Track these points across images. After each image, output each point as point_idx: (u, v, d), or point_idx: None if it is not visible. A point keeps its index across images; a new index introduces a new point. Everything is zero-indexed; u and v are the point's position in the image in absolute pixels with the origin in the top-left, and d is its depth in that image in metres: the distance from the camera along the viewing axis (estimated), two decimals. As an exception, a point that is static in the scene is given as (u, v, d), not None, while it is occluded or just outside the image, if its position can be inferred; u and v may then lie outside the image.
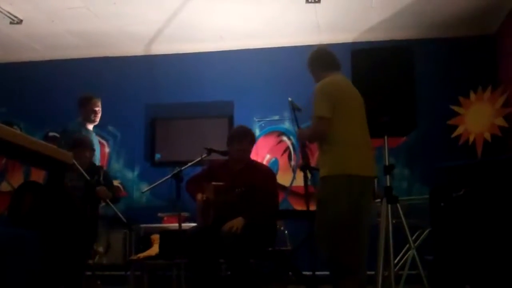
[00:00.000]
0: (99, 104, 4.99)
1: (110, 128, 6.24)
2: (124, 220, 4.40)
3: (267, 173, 4.09)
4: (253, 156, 4.33)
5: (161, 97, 6.38)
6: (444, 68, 5.94)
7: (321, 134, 3.21)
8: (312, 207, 3.45)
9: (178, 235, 4.01)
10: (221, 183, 3.90)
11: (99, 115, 4.98)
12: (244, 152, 4.08)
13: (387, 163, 3.49)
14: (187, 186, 4.15)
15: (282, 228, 4.74)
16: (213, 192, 3.88)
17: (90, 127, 5.02)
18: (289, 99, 3.75)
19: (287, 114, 5.79)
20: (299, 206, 5.49)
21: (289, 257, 4.34)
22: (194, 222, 4.95)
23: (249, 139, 4.10)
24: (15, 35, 6.02)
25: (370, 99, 3.31)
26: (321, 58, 3.43)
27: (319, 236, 3.16)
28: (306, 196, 3.88)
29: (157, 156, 6.24)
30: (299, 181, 4.93)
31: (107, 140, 6.42)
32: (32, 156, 3.29)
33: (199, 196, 3.96)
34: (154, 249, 5.27)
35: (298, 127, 3.59)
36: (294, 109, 3.74)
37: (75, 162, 4.03)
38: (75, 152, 4.17)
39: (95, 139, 4.99)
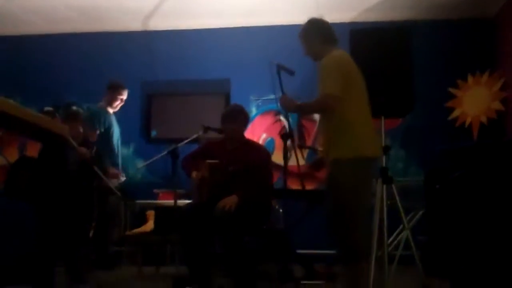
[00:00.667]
0: (126, 94, 5.23)
1: (102, 104, 6.18)
2: (118, 193, 4.39)
3: (261, 152, 4.08)
4: (249, 135, 4.33)
5: (157, 74, 6.34)
6: (442, 50, 5.91)
7: (328, 110, 3.07)
8: (308, 187, 3.42)
9: (173, 211, 4.01)
10: (215, 161, 3.89)
11: (122, 102, 5.22)
12: (236, 131, 4.06)
13: (383, 144, 3.48)
14: (182, 164, 4.14)
15: (277, 207, 4.74)
16: (208, 170, 3.88)
17: (111, 111, 5.21)
18: (274, 61, 3.62)
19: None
20: (295, 186, 5.50)
21: (283, 235, 4.35)
22: (189, 199, 4.95)
23: (241, 118, 4.08)
24: (12, 7, 5.94)
25: (368, 79, 3.28)
26: (321, 30, 3.27)
27: (336, 220, 3.05)
28: (300, 175, 3.86)
29: (153, 132, 6.22)
30: (294, 160, 4.91)
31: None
32: (30, 128, 3.26)
33: (194, 174, 3.96)
34: (149, 225, 5.29)
35: (283, 93, 3.37)
36: (280, 71, 3.54)
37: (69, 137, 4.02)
38: (67, 125, 4.15)
39: (116, 124, 5.20)
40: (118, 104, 5.16)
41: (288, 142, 3.85)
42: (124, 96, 5.17)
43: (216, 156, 3.96)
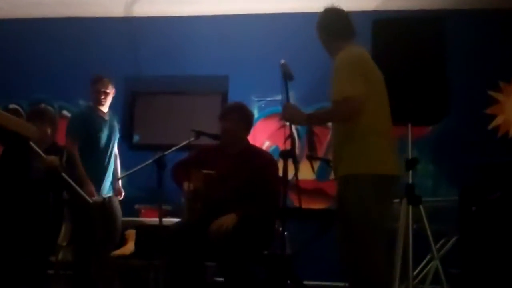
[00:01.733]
0: (109, 85, 5.15)
1: (81, 102, 6.20)
2: (90, 200, 4.37)
3: (268, 162, 4.06)
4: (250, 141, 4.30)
5: (142, 68, 6.35)
6: (481, 46, 5.88)
7: (351, 117, 3.04)
8: (319, 205, 3.42)
9: (158, 231, 3.99)
10: (212, 172, 3.89)
11: (108, 97, 5.13)
12: (238, 134, 4.05)
13: (409, 157, 3.47)
14: (172, 172, 4.15)
15: (280, 228, 4.71)
16: (202, 181, 3.88)
17: (104, 112, 5.14)
18: (282, 61, 3.65)
19: (291, 93, 5.76)
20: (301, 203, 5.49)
21: (288, 263, 4.33)
22: (177, 217, 4.92)
23: (244, 118, 4.08)
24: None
25: (393, 79, 3.26)
26: (334, 22, 3.28)
27: (347, 247, 3.09)
28: (298, 191, 3.86)
29: (136, 137, 6.23)
30: (303, 174, 4.90)
31: (76, 116, 6.36)
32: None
33: (186, 186, 3.95)
34: (129, 247, 5.27)
35: (288, 100, 3.39)
36: (287, 75, 3.58)
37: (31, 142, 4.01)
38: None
39: (109, 128, 5.13)
40: (103, 99, 5.09)
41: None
42: (107, 88, 5.11)
43: (212, 164, 3.96)
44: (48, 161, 4.18)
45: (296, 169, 3.71)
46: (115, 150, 5.29)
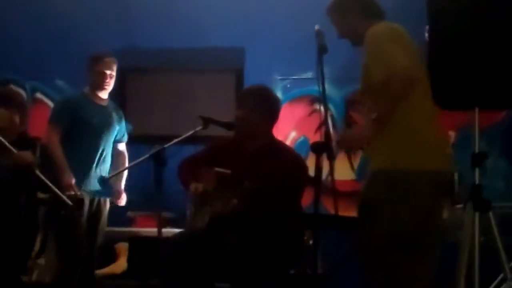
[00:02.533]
0: (113, 65, 5.17)
1: (59, 82, 6.22)
2: (70, 203, 4.38)
3: (294, 162, 4.06)
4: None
5: (136, 39, 6.38)
6: None
7: (406, 96, 3.04)
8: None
9: (156, 244, 4.00)
10: (226, 171, 3.88)
11: (111, 80, 5.15)
12: (246, 122, 4.04)
13: (476, 150, 3.43)
14: (179, 170, 4.18)
15: (311, 241, 4.71)
16: (213, 182, 3.89)
17: (102, 98, 5.17)
18: (316, 27, 3.62)
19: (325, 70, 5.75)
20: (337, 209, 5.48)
21: (320, 284, 4.33)
22: (180, 227, 4.93)
23: (256, 101, 4.06)
24: None
25: (454, 53, 3.23)
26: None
27: (369, 260, 3.15)
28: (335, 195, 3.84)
29: (128, 127, 6.23)
30: (340, 173, 4.88)
31: (51, 99, 6.40)
32: None
33: (193, 187, 3.96)
34: (120, 264, 5.31)
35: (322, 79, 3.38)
36: (321, 46, 3.55)
37: None
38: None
39: (114, 118, 5.19)
40: (106, 83, 5.12)
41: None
42: (111, 69, 5.15)
43: (228, 162, 3.95)
44: (20, 157, 4.19)
45: (332, 167, 3.71)
46: (121, 147, 5.34)
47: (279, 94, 5.96)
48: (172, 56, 6.24)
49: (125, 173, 5.23)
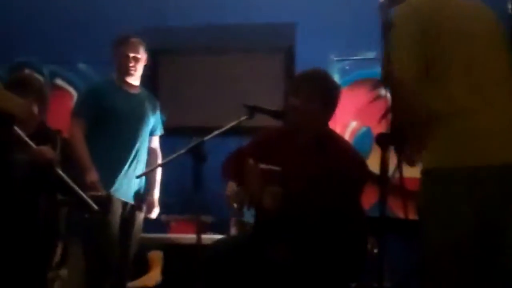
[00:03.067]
0: (141, 49, 5.24)
1: (81, 66, 6.28)
2: (95, 207, 4.41)
3: (351, 156, 4.05)
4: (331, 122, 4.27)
5: (169, 17, 6.41)
6: None
7: (408, 109, 3.15)
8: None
9: (194, 253, 4.00)
10: (273, 168, 3.88)
11: (139, 65, 5.22)
12: (315, 115, 4.02)
13: None
14: (223, 168, 4.21)
15: (375, 250, 4.68)
16: (258, 180, 3.87)
17: (133, 85, 5.24)
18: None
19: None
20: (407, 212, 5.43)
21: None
22: (221, 233, 4.94)
23: (313, 87, 4.04)
24: None
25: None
26: None
27: (426, 269, 3.15)
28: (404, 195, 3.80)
29: (161, 117, 6.26)
30: (408, 170, 4.83)
31: (73, 85, 6.44)
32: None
33: (230, 187, 4.03)
34: (153, 276, 5.34)
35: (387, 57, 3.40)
36: (387, 22, 3.53)
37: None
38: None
39: (148, 109, 5.26)
40: (132, 68, 5.18)
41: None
42: (137, 52, 5.22)
43: (276, 156, 3.96)
44: (38, 153, 4.22)
45: (400, 162, 3.66)
46: (154, 142, 5.38)
47: (336, 78, 5.93)
48: (211, 34, 6.26)
49: (158, 177, 5.24)
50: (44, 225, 4.33)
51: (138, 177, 5.09)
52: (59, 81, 6.52)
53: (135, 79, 5.18)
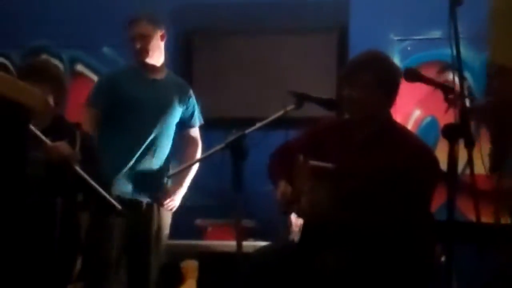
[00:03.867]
0: (149, 26, 5.26)
1: (106, 50, 6.31)
2: (119, 207, 4.42)
3: (419, 152, 4.00)
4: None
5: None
6: None
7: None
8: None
9: (234, 262, 3.99)
10: (326, 164, 3.86)
11: (151, 44, 5.24)
12: (375, 105, 3.99)
13: None
14: (270, 166, 4.21)
15: (443, 258, 4.64)
16: (308, 178, 3.85)
17: (156, 70, 5.27)
18: None
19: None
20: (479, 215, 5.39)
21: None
22: (265, 240, 4.93)
23: (373, 76, 3.98)
24: None
25: None
26: None
27: None
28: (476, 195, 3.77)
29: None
30: (480, 166, 4.80)
31: (96, 72, 6.48)
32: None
33: (281, 188, 3.97)
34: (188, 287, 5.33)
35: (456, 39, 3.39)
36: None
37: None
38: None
39: (176, 94, 5.29)
40: (142, 49, 5.21)
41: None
42: (144, 30, 5.23)
43: (330, 152, 3.95)
44: (54, 150, 4.24)
45: (471, 157, 3.63)
46: (193, 133, 5.41)
47: (396, 60, 5.91)
48: (252, 12, 6.27)
49: (192, 173, 5.25)
50: (62, 232, 4.34)
51: (169, 176, 5.09)
52: (80, 67, 6.56)
53: (154, 60, 5.22)
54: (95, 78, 6.44)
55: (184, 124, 5.34)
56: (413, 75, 4.04)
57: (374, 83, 3.98)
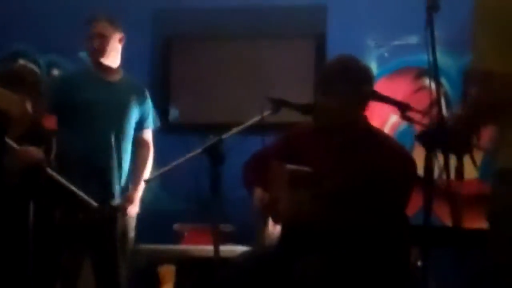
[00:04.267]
0: (108, 27, 5.29)
1: (83, 55, 6.29)
2: (94, 204, 4.40)
3: (398, 155, 4.02)
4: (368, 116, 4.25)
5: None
6: None
7: (491, 106, 3.14)
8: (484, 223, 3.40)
9: (212, 267, 4.00)
10: (303, 169, 3.88)
11: (109, 45, 5.26)
12: (350, 110, 4.01)
13: None
14: (244, 172, 4.23)
15: (419, 263, 4.66)
16: (286, 183, 3.87)
17: (111, 72, 5.27)
18: None
19: (436, 34, 5.72)
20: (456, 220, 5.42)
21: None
22: (242, 244, 4.94)
23: (348, 84, 4.01)
24: None
25: None
26: None
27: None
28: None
29: (173, 112, 6.30)
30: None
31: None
32: None
33: (258, 193, 3.99)
34: (164, 294, 5.34)
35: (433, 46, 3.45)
36: (432, 4, 3.52)
37: None
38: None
39: (133, 96, 5.30)
40: (100, 48, 5.23)
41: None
42: (103, 29, 5.25)
43: (307, 157, 3.96)
44: (24, 154, 4.23)
45: (447, 162, 3.65)
46: (146, 136, 5.41)
47: (373, 66, 5.95)
48: (230, 18, 6.27)
49: (147, 173, 5.31)
50: (34, 235, 4.32)
51: (147, 181, 5.08)
52: (57, 72, 6.54)
53: (110, 61, 5.23)
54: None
55: (138, 126, 5.34)
56: (371, 95, 4.07)
57: (349, 91, 4.00)
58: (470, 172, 4.85)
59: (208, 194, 3.91)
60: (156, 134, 6.20)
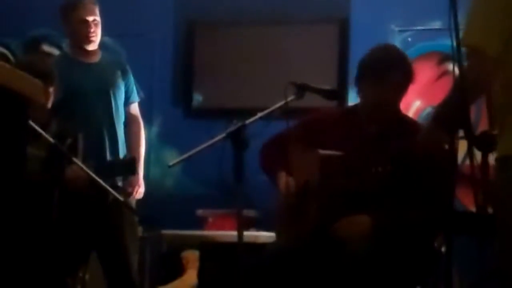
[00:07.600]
0: (94, 9, 5.20)
1: (107, 40, 6.31)
2: (121, 198, 4.44)
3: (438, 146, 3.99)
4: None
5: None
6: None
7: (477, 82, 3.19)
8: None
9: (236, 252, 4.01)
10: (336, 153, 3.88)
11: (97, 28, 5.19)
12: (389, 100, 4.03)
13: None
14: (262, 156, 4.22)
15: (443, 249, 4.66)
16: (318, 168, 3.87)
17: (92, 53, 5.22)
18: None
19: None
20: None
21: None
22: (265, 230, 4.95)
23: (403, 72, 4.05)
24: None
25: None
26: None
27: (505, 272, 3.14)
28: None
29: (197, 98, 6.31)
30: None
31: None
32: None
33: (284, 179, 3.96)
34: (188, 279, 5.36)
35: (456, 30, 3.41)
36: None
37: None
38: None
39: (117, 73, 5.25)
40: (92, 34, 5.17)
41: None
42: (95, 14, 5.20)
43: (333, 142, 3.94)
44: (75, 178, 4.26)
45: (471, 147, 3.65)
46: (133, 111, 5.39)
47: (398, 51, 5.92)
48: (254, 3, 6.28)
49: (143, 150, 5.32)
50: (58, 224, 4.34)
51: (170, 166, 5.10)
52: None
53: (93, 45, 5.18)
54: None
55: (125, 102, 5.31)
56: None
57: (403, 83, 4.05)
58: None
59: (232, 179, 3.90)
60: (179, 119, 6.25)
